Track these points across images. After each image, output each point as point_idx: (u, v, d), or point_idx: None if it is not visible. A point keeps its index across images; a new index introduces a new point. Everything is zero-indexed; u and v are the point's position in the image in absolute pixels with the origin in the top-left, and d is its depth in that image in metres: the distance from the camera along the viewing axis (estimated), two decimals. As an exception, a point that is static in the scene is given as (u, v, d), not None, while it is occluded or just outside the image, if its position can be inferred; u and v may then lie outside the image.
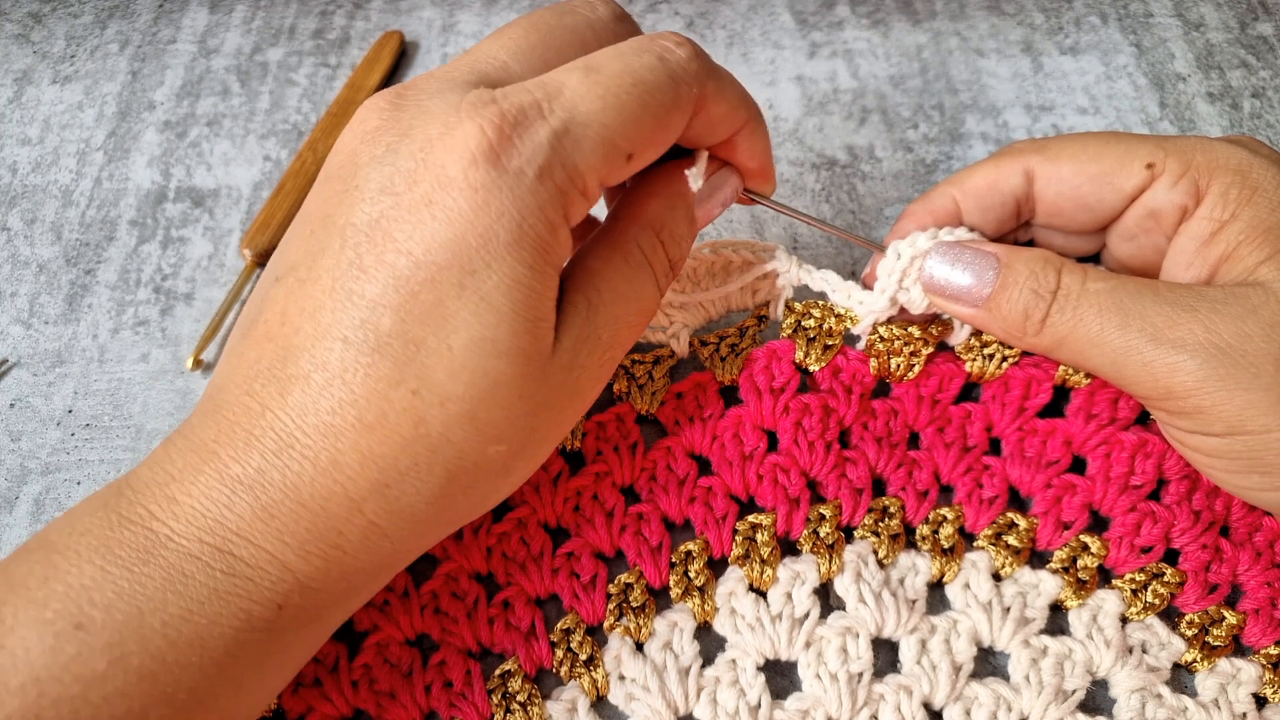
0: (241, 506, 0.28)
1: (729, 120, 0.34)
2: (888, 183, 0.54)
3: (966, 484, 0.40)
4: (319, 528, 0.28)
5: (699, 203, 0.36)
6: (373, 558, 0.30)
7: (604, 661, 0.36)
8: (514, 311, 0.28)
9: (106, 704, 0.25)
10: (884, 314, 0.39)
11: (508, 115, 0.28)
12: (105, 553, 0.27)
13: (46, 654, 0.25)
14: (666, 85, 0.31)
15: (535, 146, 0.28)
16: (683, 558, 0.38)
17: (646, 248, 0.34)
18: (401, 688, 0.36)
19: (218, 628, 0.27)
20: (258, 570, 0.28)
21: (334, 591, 0.30)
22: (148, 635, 0.26)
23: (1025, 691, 0.36)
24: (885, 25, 0.61)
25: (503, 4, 0.63)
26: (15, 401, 0.46)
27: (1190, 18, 0.61)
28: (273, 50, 0.61)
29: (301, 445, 0.28)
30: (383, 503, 0.29)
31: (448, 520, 0.32)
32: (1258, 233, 0.33)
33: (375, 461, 0.28)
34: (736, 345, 0.41)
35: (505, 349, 0.29)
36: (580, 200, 0.30)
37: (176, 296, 0.50)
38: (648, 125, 0.30)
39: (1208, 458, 0.34)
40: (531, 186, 0.28)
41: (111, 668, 0.25)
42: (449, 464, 0.29)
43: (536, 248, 0.29)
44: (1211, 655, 0.36)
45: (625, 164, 0.31)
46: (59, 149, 0.56)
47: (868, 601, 0.37)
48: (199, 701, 0.27)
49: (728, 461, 0.39)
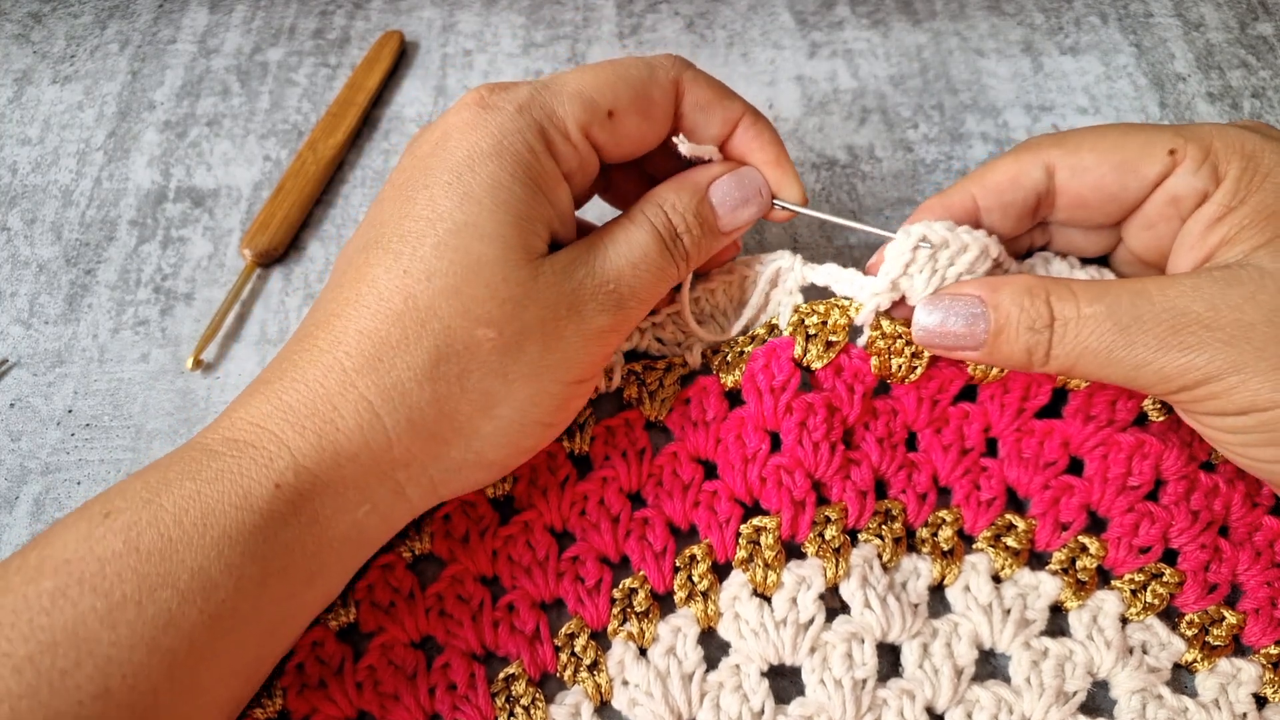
0: (259, 400, 0.32)
1: (720, 108, 0.38)
2: (888, 183, 0.54)
3: (965, 486, 0.40)
4: (315, 402, 0.31)
5: (726, 206, 0.39)
6: (366, 442, 0.32)
7: (607, 666, 0.37)
8: (495, 204, 0.33)
9: (119, 580, 0.28)
10: (885, 298, 0.39)
11: (500, 84, 0.36)
12: (149, 467, 0.31)
13: (79, 539, 0.28)
14: (641, 65, 0.37)
15: (515, 93, 0.35)
16: (687, 562, 0.38)
17: (649, 212, 0.37)
18: (405, 690, 0.36)
19: (219, 505, 0.29)
20: (259, 449, 0.31)
21: (328, 479, 0.31)
22: (159, 515, 0.29)
23: (1026, 693, 0.36)
24: (885, 25, 0.61)
25: (503, 4, 0.63)
26: (15, 401, 0.46)
27: (1190, 18, 0.61)
28: (273, 50, 0.61)
29: (311, 336, 0.33)
30: (374, 376, 0.32)
31: (445, 416, 0.33)
32: (1261, 217, 0.33)
33: (368, 335, 0.32)
34: (744, 351, 0.41)
35: (487, 233, 0.33)
36: (563, 141, 0.35)
37: (176, 296, 0.50)
38: (623, 89, 0.36)
39: (1224, 434, 0.34)
40: (510, 115, 0.34)
41: (125, 546, 0.28)
42: (437, 338, 0.32)
43: (515, 159, 0.34)
44: (1211, 655, 0.37)
45: (608, 120, 0.36)
46: (59, 149, 0.56)
47: (874, 606, 0.37)
48: (200, 588, 0.28)
49: (731, 464, 0.39)
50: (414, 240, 0.33)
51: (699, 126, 0.39)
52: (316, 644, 0.36)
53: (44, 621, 0.27)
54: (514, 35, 0.61)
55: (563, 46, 0.61)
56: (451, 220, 0.33)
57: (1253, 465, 0.34)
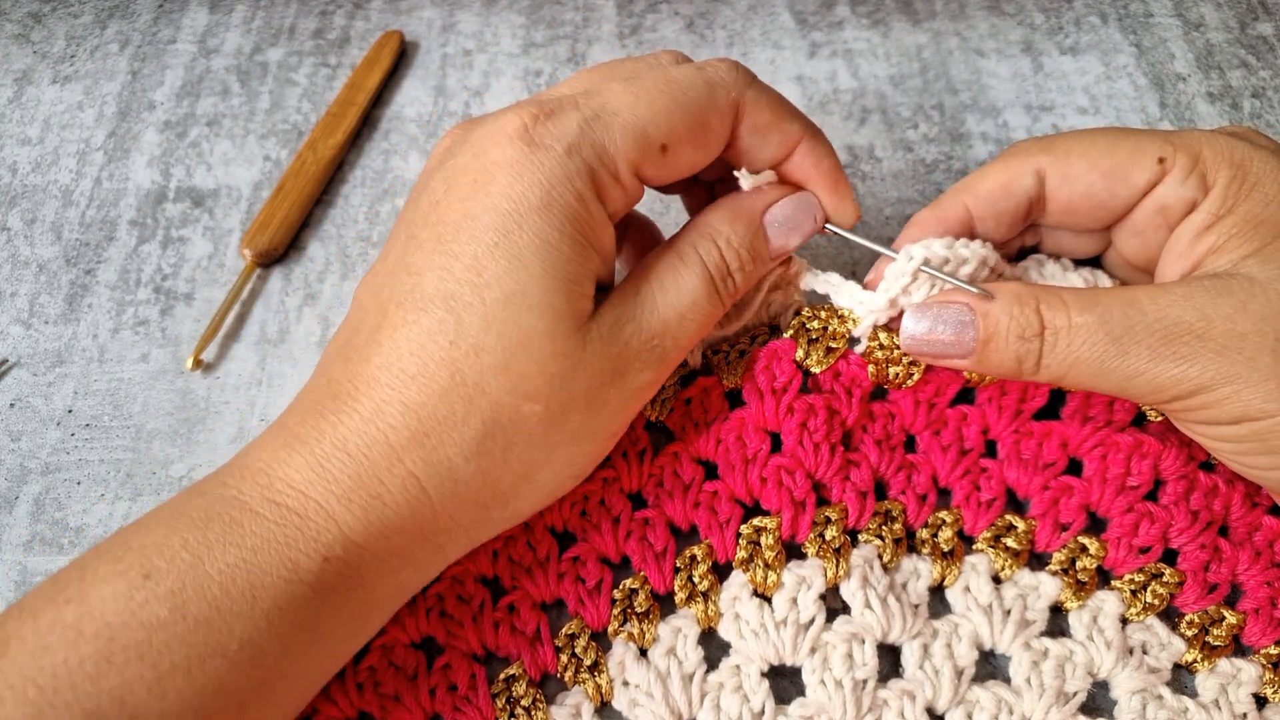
0: (297, 461, 0.30)
1: (778, 131, 0.36)
2: (888, 183, 0.54)
3: (964, 487, 0.40)
4: (361, 475, 0.30)
5: (777, 229, 0.37)
6: (412, 515, 0.31)
7: (608, 667, 0.37)
8: (543, 269, 0.31)
9: (167, 649, 0.27)
10: (884, 315, 0.39)
11: (545, 106, 0.33)
12: (178, 516, 0.29)
13: (118, 601, 0.27)
14: (700, 85, 0.34)
15: (564, 127, 0.32)
16: (687, 562, 0.38)
17: (701, 248, 0.35)
18: (406, 691, 0.36)
19: (268, 577, 0.28)
20: (305, 520, 0.29)
21: (375, 550, 0.30)
22: (205, 583, 0.28)
23: (1027, 694, 0.36)
24: (885, 25, 0.61)
25: (503, 4, 0.63)
26: (15, 401, 0.46)
27: (1190, 18, 0.61)
28: (273, 50, 0.61)
29: (351, 399, 0.31)
30: (421, 452, 0.30)
31: (489, 487, 0.32)
32: (1249, 226, 0.33)
33: (414, 410, 0.30)
34: (745, 351, 0.41)
35: (535, 304, 0.31)
36: (613, 184, 0.33)
37: (176, 296, 0.50)
38: (679, 119, 0.33)
39: (1218, 443, 0.34)
40: (559, 159, 0.32)
41: (172, 614, 0.27)
42: (484, 415, 0.31)
43: (565, 213, 0.32)
44: (1212, 655, 0.37)
45: (660, 156, 0.34)
46: (59, 149, 0.56)
47: (874, 606, 0.37)
48: (250, 657, 0.28)
49: (731, 465, 0.39)
50: (460, 308, 0.31)
51: (754, 149, 0.36)
52: (317, 644, 0.36)
53: (89, 689, 0.26)
54: (514, 35, 0.61)
55: (563, 46, 0.61)
56: (500, 289, 0.31)
57: (1248, 472, 0.34)
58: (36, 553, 0.42)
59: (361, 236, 0.52)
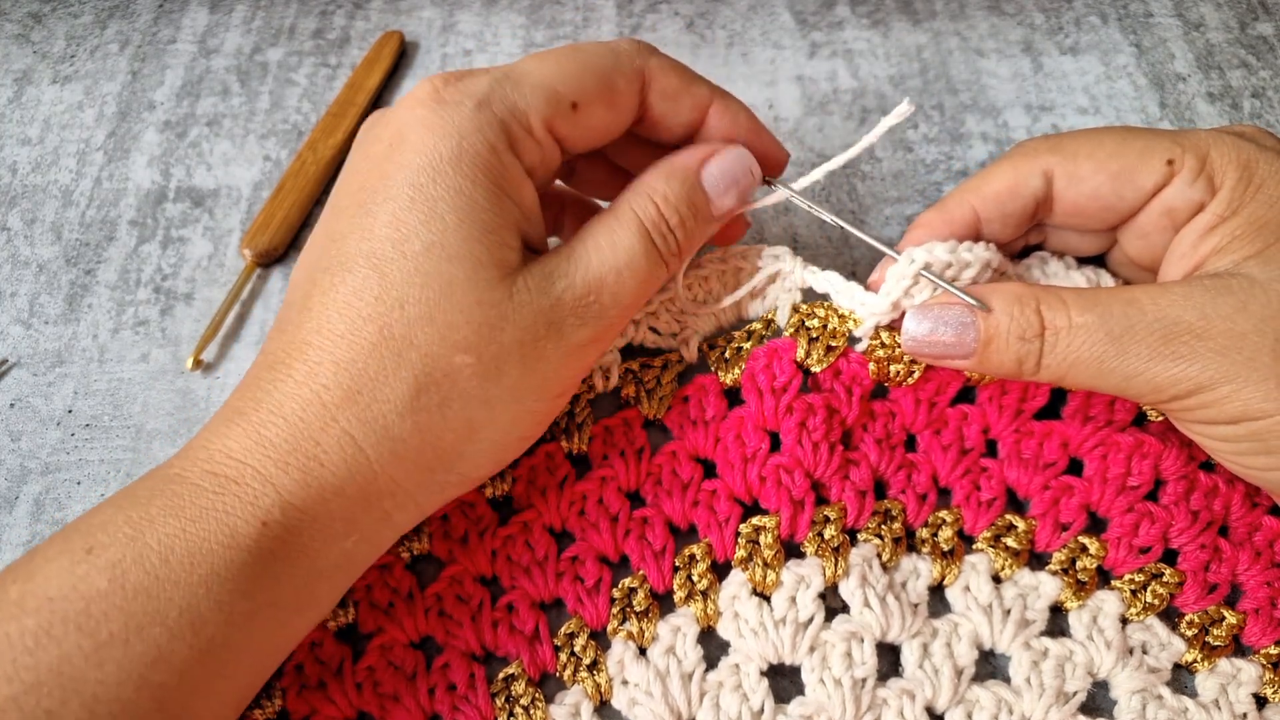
0: (235, 432, 0.31)
1: (688, 95, 0.37)
2: (887, 183, 0.54)
3: (965, 486, 0.40)
4: (297, 438, 0.30)
5: (714, 183, 0.37)
6: (351, 476, 0.31)
7: (607, 666, 0.37)
8: (459, 220, 0.32)
9: (105, 619, 0.27)
10: (885, 317, 0.39)
11: (455, 72, 0.34)
12: (124, 497, 0.30)
13: (60, 575, 0.27)
14: (605, 52, 0.36)
15: (474, 86, 0.33)
16: (686, 561, 0.38)
17: (637, 205, 0.36)
18: (405, 690, 0.36)
19: (206, 544, 0.29)
20: (243, 486, 0.30)
21: (315, 514, 0.31)
22: (144, 553, 0.28)
23: (1026, 694, 0.36)
24: (885, 25, 0.61)
25: (503, 4, 0.63)
26: (15, 401, 0.46)
27: (1190, 18, 0.61)
28: (273, 50, 0.61)
29: (284, 366, 0.31)
30: (355, 410, 0.31)
31: (429, 446, 0.32)
32: (1253, 228, 0.33)
33: (346, 368, 0.31)
34: (742, 349, 0.41)
35: (455, 253, 0.31)
36: (525, 137, 0.34)
37: (176, 296, 0.50)
38: (589, 79, 0.35)
39: (1217, 442, 0.34)
40: (469, 113, 0.32)
41: (111, 585, 0.27)
42: (415, 369, 0.31)
43: (477, 164, 0.32)
44: (1211, 655, 0.37)
45: (572, 113, 0.35)
46: (59, 149, 0.56)
47: (873, 605, 0.37)
48: (189, 624, 0.28)
49: (730, 463, 0.39)
50: (382, 263, 0.31)
51: (667, 116, 0.37)
52: (315, 645, 0.36)
53: (28, 661, 0.26)
54: (514, 35, 0.61)
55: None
56: (419, 241, 0.31)
57: (1247, 472, 0.34)
58: (36, 552, 0.42)
59: (361, 236, 0.52)
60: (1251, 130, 0.36)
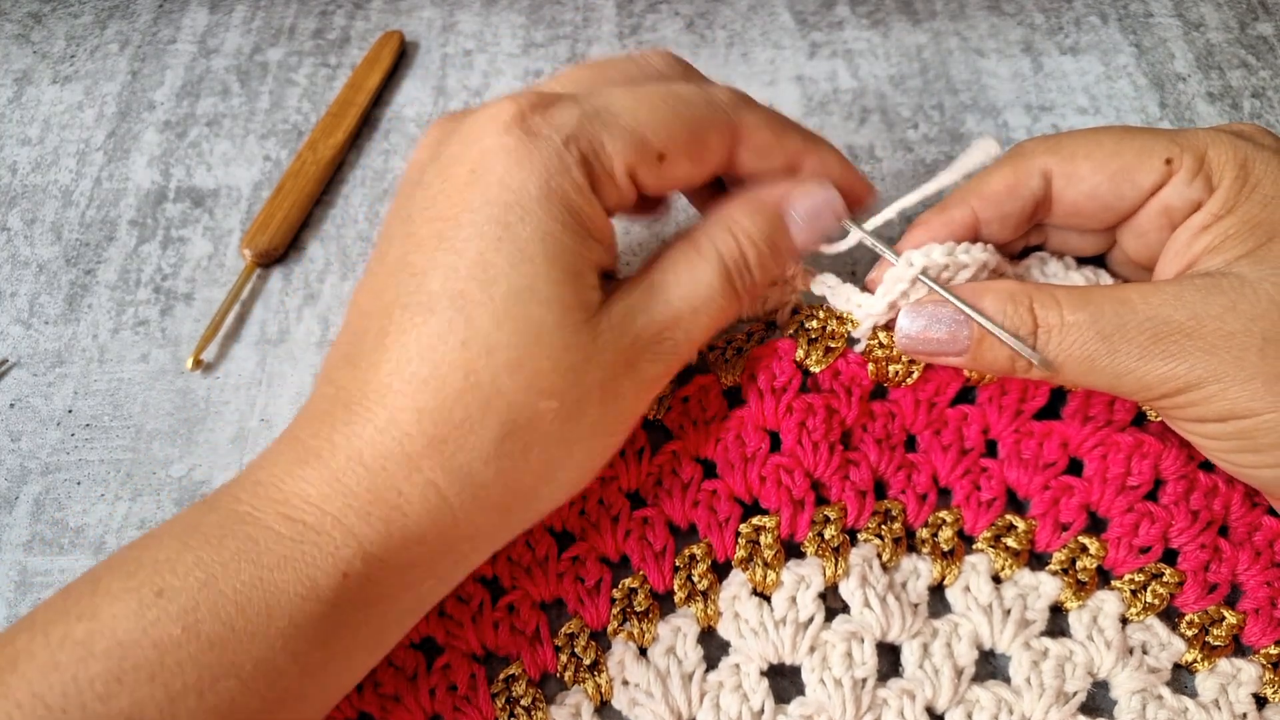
0: (312, 475, 0.29)
1: (781, 152, 0.36)
2: (887, 183, 0.54)
3: (965, 486, 0.40)
4: (379, 487, 0.29)
5: (798, 223, 0.37)
6: (433, 524, 0.30)
7: (608, 666, 0.37)
8: (549, 262, 0.30)
9: (180, 670, 0.26)
10: (882, 319, 0.39)
11: (543, 97, 0.32)
12: (191, 531, 0.28)
13: (130, 619, 0.26)
14: (700, 102, 0.34)
15: (563, 118, 0.31)
16: (686, 561, 0.38)
17: (719, 241, 0.35)
18: (406, 691, 0.36)
19: (284, 595, 0.28)
20: (323, 535, 0.29)
21: (396, 563, 0.30)
22: (219, 602, 0.27)
23: (1026, 694, 0.36)
24: (885, 25, 0.61)
25: (503, 4, 0.63)
26: (15, 401, 0.46)
27: (1190, 18, 0.61)
28: (273, 50, 0.61)
29: (363, 409, 0.30)
30: (440, 459, 0.30)
31: (510, 489, 0.31)
32: (1246, 227, 0.33)
33: (430, 415, 0.29)
34: (742, 349, 0.41)
35: (545, 298, 0.30)
36: (608, 181, 0.32)
37: (176, 296, 0.50)
38: (680, 131, 0.33)
39: (1206, 440, 0.34)
40: (557, 149, 0.31)
41: (185, 634, 0.26)
42: (501, 416, 0.30)
43: (565, 205, 0.31)
44: (1212, 655, 0.37)
45: (657, 164, 0.33)
46: (59, 149, 0.56)
47: (873, 606, 0.37)
48: (264, 677, 0.27)
49: (730, 463, 0.39)
50: (469, 306, 0.30)
51: (756, 171, 0.36)
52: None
53: (99, 709, 0.25)
54: (514, 35, 0.61)
55: (563, 46, 0.61)
56: (508, 284, 0.30)
57: (1236, 470, 0.35)
58: (36, 553, 0.42)
59: (361, 236, 0.52)
60: (1250, 129, 0.36)
